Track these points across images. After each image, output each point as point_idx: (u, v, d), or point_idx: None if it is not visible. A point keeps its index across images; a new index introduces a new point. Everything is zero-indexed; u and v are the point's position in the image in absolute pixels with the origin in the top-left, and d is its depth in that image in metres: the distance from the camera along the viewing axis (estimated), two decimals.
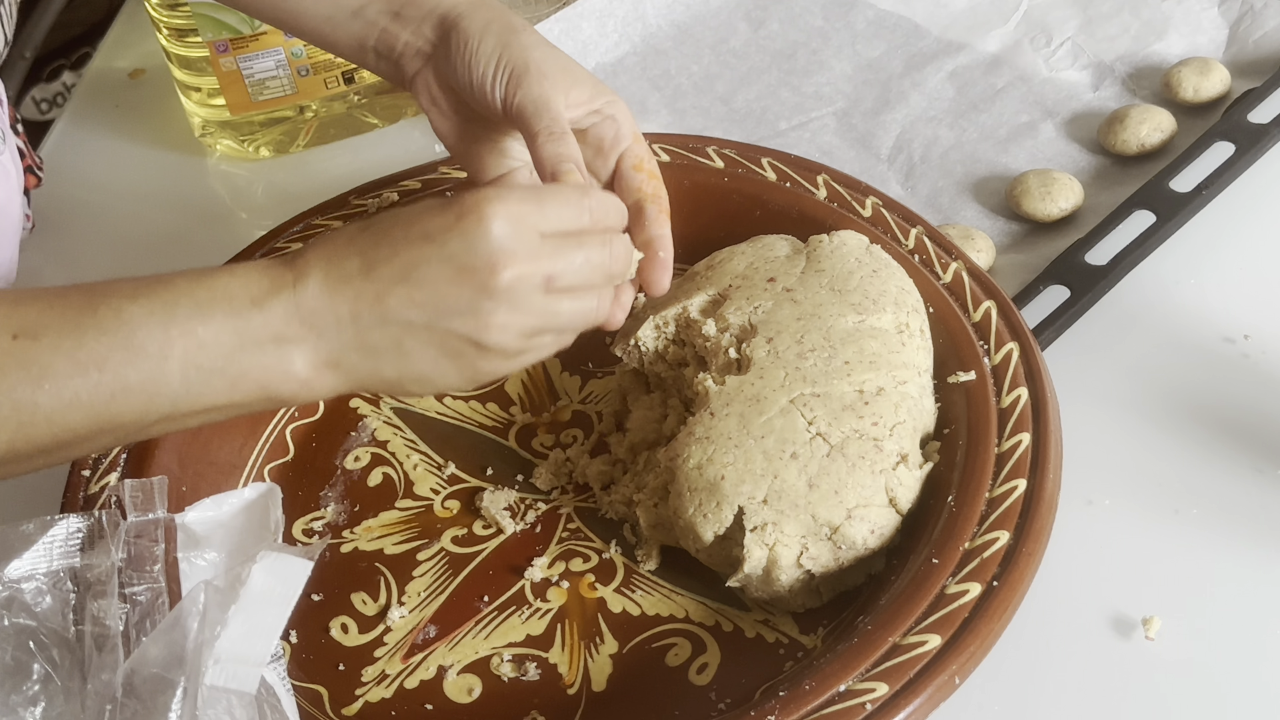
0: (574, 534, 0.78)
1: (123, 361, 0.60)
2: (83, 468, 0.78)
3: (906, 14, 1.09)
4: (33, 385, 0.59)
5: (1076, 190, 0.92)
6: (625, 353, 0.81)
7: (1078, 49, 1.04)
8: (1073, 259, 0.87)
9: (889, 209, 0.85)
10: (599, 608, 0.75)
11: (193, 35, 1.01)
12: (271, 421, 0.84)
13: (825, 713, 0.64)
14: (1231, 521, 0.75)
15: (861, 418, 0.72)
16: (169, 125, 1.12)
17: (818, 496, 0.70)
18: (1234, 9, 1.03)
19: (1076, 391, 0.79)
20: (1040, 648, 0.70)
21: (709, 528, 0.71)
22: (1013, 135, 0.99)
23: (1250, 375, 0.81)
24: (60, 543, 0.67)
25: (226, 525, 0.71)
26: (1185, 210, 0.89)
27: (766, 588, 0.71)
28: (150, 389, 0.60)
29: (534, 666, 0.73)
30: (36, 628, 0.64)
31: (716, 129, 1.03)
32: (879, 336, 0.75)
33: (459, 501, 0.81)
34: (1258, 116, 0.93)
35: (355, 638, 0.75)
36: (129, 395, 0.60)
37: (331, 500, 0.82)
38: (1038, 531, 0.69)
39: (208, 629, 0.63)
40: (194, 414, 0.63)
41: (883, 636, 0.66)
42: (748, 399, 0.73)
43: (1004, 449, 0.72)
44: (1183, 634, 0.70)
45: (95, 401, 0.60)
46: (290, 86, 1.03)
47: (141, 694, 0.61)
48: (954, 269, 0.81)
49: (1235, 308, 0.85)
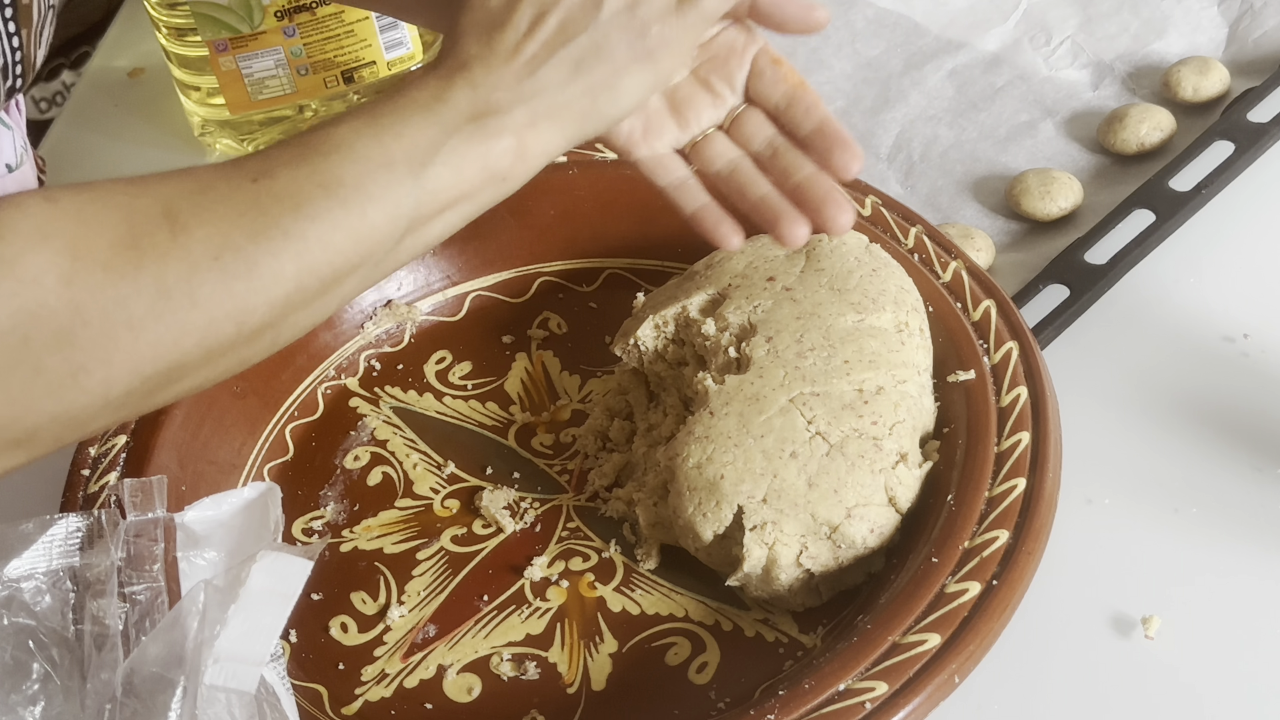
0: (573, 533, 0.78)
1: (358, 174, 0.61)
2: (82, 467, 0.78)
3: (906, 12, 1.09)
4: (294, 213, 0.60)
5: (1076, 189, 0.92)
6: (625, 352, 0.81)
7: (1077, 48, 1.04)
8: (1072, 258, 0.87)
9: (888, 208, 0.85)
10: (598, 607, 0.75)
11: (192, 34, 1.01)
12: (271, 421, 0.84)
13: (825, 712, 0.64)
14: (1231, 520, 0.75)
15: (861, 417, 0.72)
16: (168, 124, 1.11)
17: (817, 495, 0.70)
18: (1233, 8, 1.03)
19: (1076, 390, 0.79)
20: (1040, 647, 0.70)
21: (708, 527, 0.71)
22: (1012, 134, 0.99)
23: (1250, 374, 0.81)
24: (60, 542, 0.67)
25: (226, 525, 0.71)
26: (1185, 209, 0.89)
27: (766, 587, 0.71)
28: (391, 194, 0.62)
29: (534, 666, 0.73)
30: (36, 627, 0.64)
31: None
32: (878, 335, 0.75)
33: (458, 501, 0.81)
34: (1257, 115, 0.93)
35: (355, 637, 0.75)
36: (375, 204, 0.62)
37: (331, 500, 0.82)
38: (1037, 530, 0.69)
39: (207, 628, 0.63)
40: (437, 215, 0.64)
41: (882, 635, 0.66)
42: (747, 398, 0.73)
43: (1003, 448, 0.72)
44: (1182, 633, 0.70)
45: (350, 218, 0.61)
46: (290, 86, 1.03)
47: (141, 693, 0.61)
48: (953, 268, 0.81)
49: (1235, 307, 0.84)
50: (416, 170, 0.63)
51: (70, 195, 0.58)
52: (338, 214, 0.61)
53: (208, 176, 0.61)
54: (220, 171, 0.61)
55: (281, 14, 1.00)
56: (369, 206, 0.62)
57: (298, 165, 0.61)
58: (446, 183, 0.64)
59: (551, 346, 0.88)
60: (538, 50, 0.65)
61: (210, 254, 0.58)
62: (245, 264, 0.59)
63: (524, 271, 0.91)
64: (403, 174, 0.62)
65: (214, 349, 0.60)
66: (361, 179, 0.61)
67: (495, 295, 0.91)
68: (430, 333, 0.89)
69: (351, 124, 0.63)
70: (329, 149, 0.62)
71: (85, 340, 0.56)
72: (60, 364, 0.56)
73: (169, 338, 0.58)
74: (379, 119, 0.63)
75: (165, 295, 0.57)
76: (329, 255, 0.61)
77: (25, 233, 0.56)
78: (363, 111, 0.64)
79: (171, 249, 0.58)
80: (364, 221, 0.62)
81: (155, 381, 0.59)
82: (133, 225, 0.58)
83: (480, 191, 0.65)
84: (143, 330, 0.57)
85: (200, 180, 0.61)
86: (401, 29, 1.03)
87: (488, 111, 0.65)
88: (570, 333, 0.88)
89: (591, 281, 0.91)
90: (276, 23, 1.00)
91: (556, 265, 0.91)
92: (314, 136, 0.63)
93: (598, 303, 0.90)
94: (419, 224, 0.64)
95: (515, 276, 0.91)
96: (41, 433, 0.57)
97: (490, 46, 0.65)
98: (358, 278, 0.63)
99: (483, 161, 0.65)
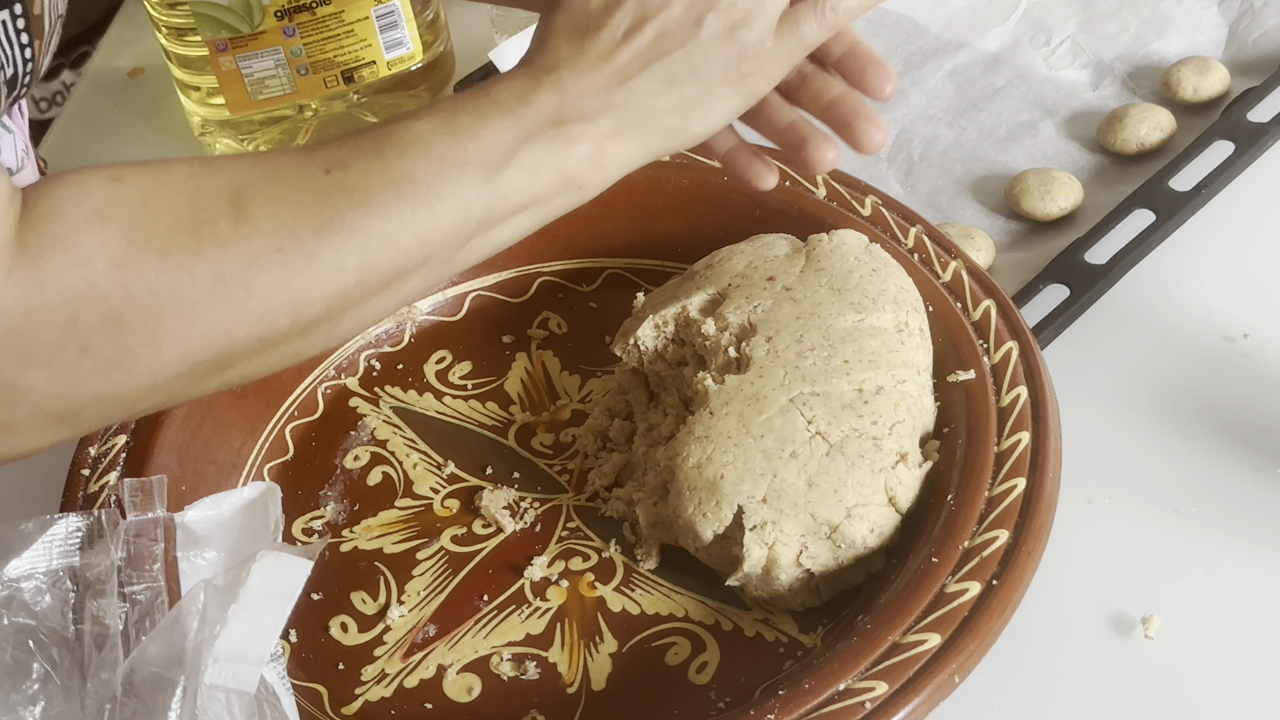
0: (573, 533, 0.78)
1: (431, 173, 0.61)
2: (82, 467, 0.78)
3: (906, 12, 1.09)
4: (361, 208, 0.59)
5: (1076, 189, 0.92)
6: (625, 352, 0.81)
7: (1077, 48, 1.04)
8: (1072, 258, 0.87)
9: (888, 208, 0.85)
10: (598, 607, 0.75)
11: (192, 34, 1.01)
12: (271, 421, 0.84)
13: (825, 711, 0.64)
14: (1231, 520, 0.75)
15: (861, 416, 0.72)
16: (168, 124, 1.11)
17: (817, 495, 0.70)
18: (1233, 8, 1.03)
19: (1076, 390, 0.79)
20: (1039, 646, 0.70)
21: (708, 527, 0.71)
22: (1012, 134, 0.99)
23: (1250, 374, 0.81)
24: (60, 542, 0.67)
25: (226, 524, 0.71)
26: (1185, 209, 0.89)
27: (766, 587, 0.71)
28: (461, 195, 0.61)
29: (534, 665, 0.73)
30: (36, 627, 0.64)
31: None
32: (878, 335, 0.75)
33: (458, 500, 0.81)
34: (1257, 115, 0.93)
35: (355, 637, 0.75)
36: (445, 204, 0.61)
37: (331, 499, 0.82)
38: (1037, 530, 0.69)
39: (207, 628, 0.63)
40: (507, 218, 0.64)
41: (882, 635, 0.66)
42: (747, 398, 0.73)
43: (1003, 448, 0.72)
44: (1182, 633, 0.70)
45: (418, 217, 0.60)
46: (289, 85, 1.03)
47: (141, 693, 0.61)
48: (953, 268, 0.81)
49: (1235, 306, 0.84)
50: (491, 172, 0.62)
51: (139, 176, 0.58)
52: (406, 212, 0.60)
53: (282, 163, 0.60)
54: (295, 159, 0.61)
55: (281, 14, 1.00)
56: (438, 206, 0.61)
57: (372, 159, 0.61)
58: (520, 186, 0.63)
59: (551, 346, 0.88)
60: (630, 59, 0.64)
61: (272, 245, 0.58)
62: (306, 257, 0.58)
63: (524, 271, 0.91)
64: (475, 175, 0.62)
65: (267, 339, 0.59)
66: (433, 178, 0.61)
67: (495, 295, 0.91)
68: (430, 332, 0.89)
69: (432, 119, 0.62)
70: (406, 144, 0.61)
71: (134, 324, 0.56)
72: (107, 345, 0.56)
73: (221, 326, 0.58)
74: (458, 117, 0.62)
75: (220, 284, 0.57)
76: (392, 253, 0.60)
77: (86, 211, 0.56)
78: (445, 107, 0.63)
79: (233, 237, 0.57)
80: (431, 221, 0.61)
81: (205, 368, 0.58)
82: (196, 210, 0.57)
83: (554, 197, 0.65)
84: (195, 317, 0.57)
85: (273, 167, 0.60)
86: (402, 29, 1.03)
87: (572, 117, 0.64)
88: (570, 332, 0.88)
89: (591, 281, 0.91)
90: (276, 22, 1.00)
91: (556, 265, 0.91)
92: (394, 129, 0.62)
93: (598, 302, 0.90)
94: (488, 225, 0.63)
95: (515, 276, 0.91)
96: (86, 411, 0.57)
97: (583, 50, 0.64)
98: (421, 276, 0.63)
99: (560, 168, 0.64)
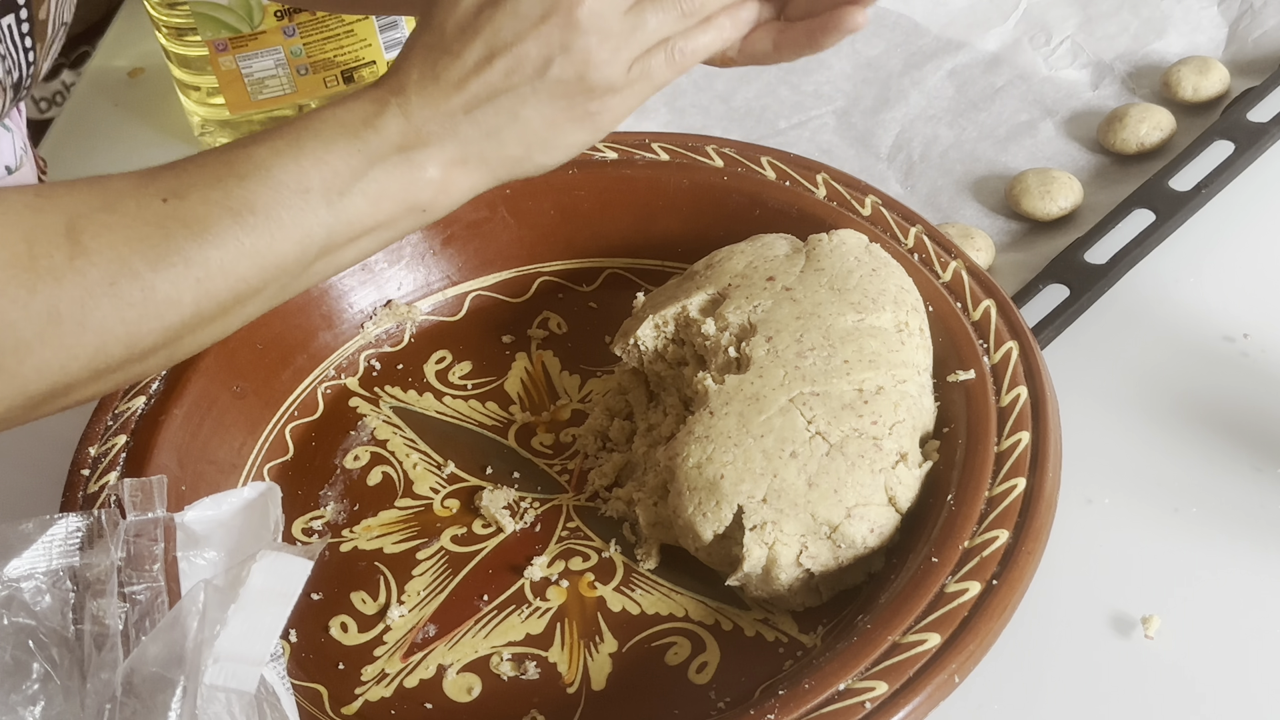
0: (573, 533, 0.78)
1: (270, 201, 0.61)
2: (82, 467, 0.78)
3: (906, 12, 1.09)
4: (198, 239, 0.59)
5: (1076, 189, 0.92)
6: (625, 352, 0.81)
7: (1077, 48, 1.04)
8: (1072, 258, 0.87)
9: (888, 208, 0.85)
10: (598, 607, 0.75)
11: (192, 34, 1.01)
12: (271, 421, 0.84)
13: (825, 711, 0.64)
14: (1231, 520, 0.75)
15: (861, 416, 0.72)
16: (168, 124, 1.12)
17: (817, 495, 0.70)
18: (1233, 8, 1.03)
19: (1076, 390, 0.79)
20: (1039, 646, 0.71)
21: (708, 526, 0.71)
22: (1012, 134, 0.99)
23: (1250, 374, 0.81)
24: (59, 542, 0.67)
25: (226, 524, 0.71)
26: (1185, 209, 0.89)
27: (766, 586, 0.71)
28: (302, 222, 0.61)
29: (533, 665, 0.73)
30: (36, 627, 0.64)
31: (716, 128, 1.03)
32: (878, 335, 0.75)
33: (458, 500, 0.81)
34: (1257, 115, 0.93)
35: (355, 637, 0.75)
36: (285, 232, 0.61)
37: (331, 499, 0.82)
38: (1037, 530, 0.69)
39: (207, 628, 0.62)
40: (350, 242, 0.64)
41: (882, 635, 0.66)
42: (747, 398, 0.73)
43: (1003, 448, 0.72)
44: (1182, 633, 0.70)
45: (258, 246, 0.60)
46: (289, 85, 1.03)
47: (141, 693, 0.61)
48: (953, 268, 0.81)
49: (1235, 306, 0.84)
50: (333, 198, 0.62)
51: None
52: (244, 242, 0.60)
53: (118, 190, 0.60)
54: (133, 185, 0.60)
55: (281, 14, 1.00)
56: (278, 234, 0.61)
57: (211, 187, 0.60)
58: (363, 212, 0.63)
59: (551, 346, 0.88)
60: (478, 90, 0.64)
61: (107, 279, 0.57)
62: (142, 290, 0.58)
63: (524, 271, 0.91)
64: (318, 202, 0.61)
65: (103, 369, 0.59)
66: (273, 206, 0.60)
67: (495, 295, 0.91)
68: (430, 332, 0.89)
69: (274, 144, 0.62)
70: (246, 171, 0.61)
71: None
72: None
73: (56, 361, 0.58)
74: (302, 141, 0.62)
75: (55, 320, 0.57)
76: (231, 282, 0.60)
77: None
78: (288, 130, 0.62)
79: (67, 272, 0.57)
80: (271, 249, 0.61)
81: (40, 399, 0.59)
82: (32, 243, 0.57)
83: (398, 221, 0.65)
84: (28, 354, 0.57)
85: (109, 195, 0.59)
86: (402, 28, 1.03)
87: (416, 144, 0.64)
88: (570, 333, 0.88)
89: (591, 281, 0.91)
90: (276, 22, 1.00)
91: (556, 265, 0.91)
92: (235, 154, 0.61)
93: (598, 302, 0.90)
94: (331, 250, 0.63)
95: (515, 276, 0.91)
96: None
97: (435, 75, 0.64)
98: (262, 299, 0.63)
99: (404, 193, 0.64)
